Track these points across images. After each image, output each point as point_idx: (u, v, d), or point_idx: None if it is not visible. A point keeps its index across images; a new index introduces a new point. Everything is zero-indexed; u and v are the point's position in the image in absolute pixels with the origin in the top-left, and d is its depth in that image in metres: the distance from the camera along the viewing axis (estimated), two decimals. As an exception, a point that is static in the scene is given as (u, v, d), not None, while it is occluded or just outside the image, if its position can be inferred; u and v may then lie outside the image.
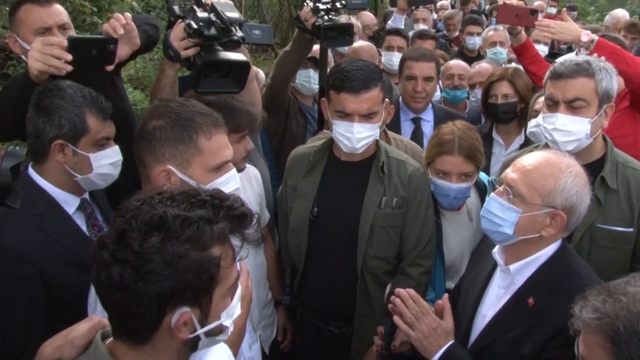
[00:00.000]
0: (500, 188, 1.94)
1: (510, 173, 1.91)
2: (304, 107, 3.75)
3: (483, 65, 4.24)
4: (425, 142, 3.36)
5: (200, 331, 1.23)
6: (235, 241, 1.25)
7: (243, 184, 2.55)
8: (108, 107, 2.09)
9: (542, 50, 4.69)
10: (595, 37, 3.11)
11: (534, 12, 3.34)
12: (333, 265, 2.56)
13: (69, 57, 2.02)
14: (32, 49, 2.02)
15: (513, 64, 4.11)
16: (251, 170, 2.71)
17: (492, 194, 1.96)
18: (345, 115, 2.40)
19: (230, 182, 1.89)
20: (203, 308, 1.22)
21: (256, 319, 2.62)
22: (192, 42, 2.22)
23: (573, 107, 2.30)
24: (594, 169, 2.29)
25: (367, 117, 2.39)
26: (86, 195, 2.16)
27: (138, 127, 1.92)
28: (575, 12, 9.95)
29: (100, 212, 2.20)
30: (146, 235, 1.14)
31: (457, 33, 6.66)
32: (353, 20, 4.61)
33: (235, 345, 1.77)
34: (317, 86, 3.53)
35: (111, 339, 1.27)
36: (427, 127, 3.56)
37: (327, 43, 3.06)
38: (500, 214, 1.88)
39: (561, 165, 1.85)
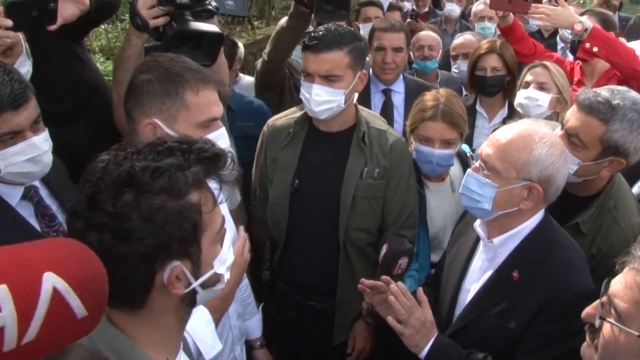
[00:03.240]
0: (477, 163, 1.91)
1: (485, 148, 1.89)
2: (299, 83, 3.62)
3: (467, 37, 4.20)
4: (396, 114, 3.40)
5: (196, 283, 1.19)
6: (213, 184, 1.20)
7: None
8: (5, 95, 1.71)
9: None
10: (589, 24, 3.05)
11: None
12: (314, 238, 2.52)
13: (9, 22, 1.90)
14: None
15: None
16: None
17: (469, 170, 1.94)
18: (307, 75, 2.37)
19: (219, 141, 1.83)
20: (193, 259, 1.17)
21: None
22: (162, 11, 2.13)
23: (571, 140, 2.11)
24: (580, 203, 2.19)
25: (327, 79, 2.33)
26: (33, 181, 1.94)
27: (128, 82, 1.85)
28: None
29: (54, 195, 1.99)
30: (117, 194, 1.07)
31: (426, 9, 6.49)
32: None
33: (218, 311, 1.75)
34: None
35: (107, 309, 1.21)
36: (398, 99, 3.48)
37: (322, 16, 2.86)
38: (478, 189, 1.86)
39: (535, 137, 1.81)
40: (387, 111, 3.41)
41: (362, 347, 2.57)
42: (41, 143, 1.81)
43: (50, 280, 0.85)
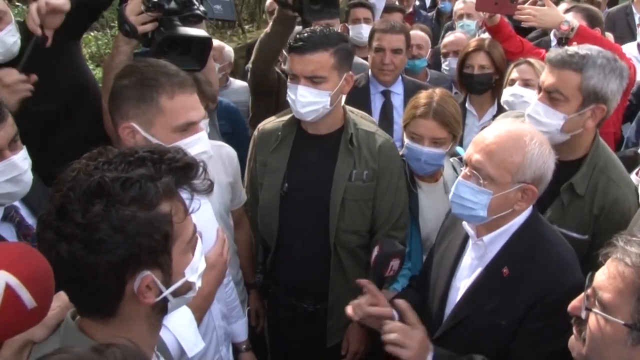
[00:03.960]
0: (467, 171, 1.88)
1: (474, 154, 1.85)
2: None
3: (458, 35, 4.23)
4: (395, 115, 3.40)
5: (167, 292, 1.20)
6: (185, 194, 1.21)
7: (216, 164, 2.52)
8: None
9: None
10: (576, 24, 3.07)
11: None
12: (305, 241, 2.52)
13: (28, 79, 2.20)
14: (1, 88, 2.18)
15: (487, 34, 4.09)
16: (224, 149, 2.65)
17: (459, 178, 1.91)
18: (293, 77, 2.38)
19: (197, 145, 1.85)
20: (164, 268, 1.17)
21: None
22: (150, 17, 2.14)
23: (551, 97, 2.20)
24: (571, 168, 2.24)
25: (312, 80, 2.34)
26: (13, 202, 1.90)
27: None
28: None
29: (35, 214, 1.93)
30: (88, 205, 1.08)
31: (410, 9, 6.50)
32: None
33: (199, 310, 1.76)
34: None
35: (78, 318, 1.23)
36: (397, 100, 3.48)
37: (311, 16, 2.86)
38: (472, 197, 1.84)
39: (525, 138, 1.80)
40: (386, 112, 3.42)
41: (356, 349, 2.57)
42: (21, 162, 1.78)
43: (3, 277, 0.96)
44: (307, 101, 2.35)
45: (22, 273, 0.99)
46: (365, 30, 4.59)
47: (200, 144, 1.86)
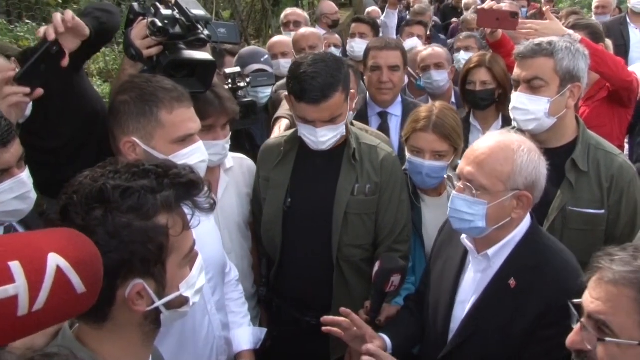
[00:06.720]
0: (460, 184, 1.91)
1: (465, 167, 1.89)
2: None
3: (436, 49, 4.15)
4: (392, 137, 3.32)
5: (159, 303, 1.22)
6: (188, 210, 1.25)
7: (237, 176, 2.60)
8: None
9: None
10: (577, 37, 3.10)
11: (514, 14, 3.30)
12: (308, 255, 2.53)
13: (27, 89, 1.99)
14: None
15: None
16: (245, 161, 2.71)
17: (454, 192, 1.94)
18: (308, 122, 2.35)
19: (195, 154, 1.92)
20: (157, 279, 1.21)
21: None
22: (155, 41, 2.17)
23: (532, 86, 2.33)
24: (566, 151, 2.34)
25: (330, 121, 2.34)
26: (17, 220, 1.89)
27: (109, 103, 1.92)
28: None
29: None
30: (88, 209, 1.13)
31: (428, 32, 6.53)
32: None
33: None
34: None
35: (77, 325, 1.26)
36: (394, 122, 3.38)
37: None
38: (468, 209, 1.87)
39: (513, 146, 1.84)
40: None
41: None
42: (27, 179, 1.82)
43: (55, 260, 0.98)
44: (327, 138, 2.37)
45: (72, 257, 1.01)
46: (357, 44, 4.60)
47: (199, 154, 1.93)
